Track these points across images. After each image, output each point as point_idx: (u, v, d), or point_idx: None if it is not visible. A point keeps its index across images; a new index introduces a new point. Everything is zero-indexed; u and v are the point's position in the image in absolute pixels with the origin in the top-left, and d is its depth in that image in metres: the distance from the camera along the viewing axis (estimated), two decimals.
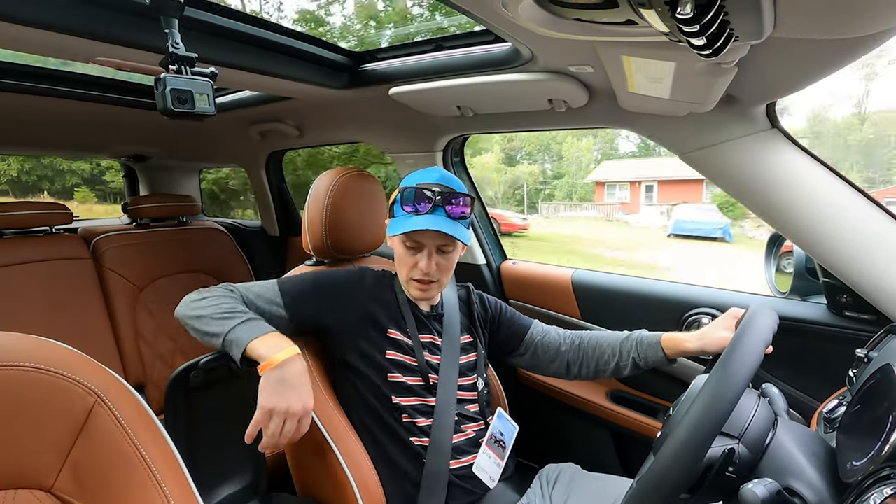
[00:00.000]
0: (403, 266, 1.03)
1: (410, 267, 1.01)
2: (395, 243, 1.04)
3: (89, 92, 1.49)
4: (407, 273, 1.02)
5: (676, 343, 1.01)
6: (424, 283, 1.01)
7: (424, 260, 1.00)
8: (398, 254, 1.04)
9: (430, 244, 1.00)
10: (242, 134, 2.01)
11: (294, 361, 0.84)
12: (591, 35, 0.69)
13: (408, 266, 1.02)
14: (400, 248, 1.03)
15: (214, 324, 0.88)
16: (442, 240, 1.00)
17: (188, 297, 0.94)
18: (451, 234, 0.96)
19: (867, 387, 0.74)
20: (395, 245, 1.04)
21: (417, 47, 1.27)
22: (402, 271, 1.04)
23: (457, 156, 1.69)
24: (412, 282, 1.03)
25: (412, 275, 1.02)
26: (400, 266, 1.04)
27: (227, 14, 1.05)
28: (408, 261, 1.01)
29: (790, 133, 0.98)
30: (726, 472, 0.66)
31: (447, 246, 1.01)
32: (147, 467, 0.62)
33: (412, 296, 1.06)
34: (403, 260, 1.02)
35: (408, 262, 1.01)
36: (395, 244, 1.04)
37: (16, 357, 0.58)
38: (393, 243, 1.05)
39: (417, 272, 1.01)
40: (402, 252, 1.02)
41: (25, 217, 1.72)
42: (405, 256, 1.02)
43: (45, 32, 0.85)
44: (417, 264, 1.00)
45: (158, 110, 0.87)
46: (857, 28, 0.56)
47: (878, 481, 0.53)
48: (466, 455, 1.00)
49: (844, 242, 0.94)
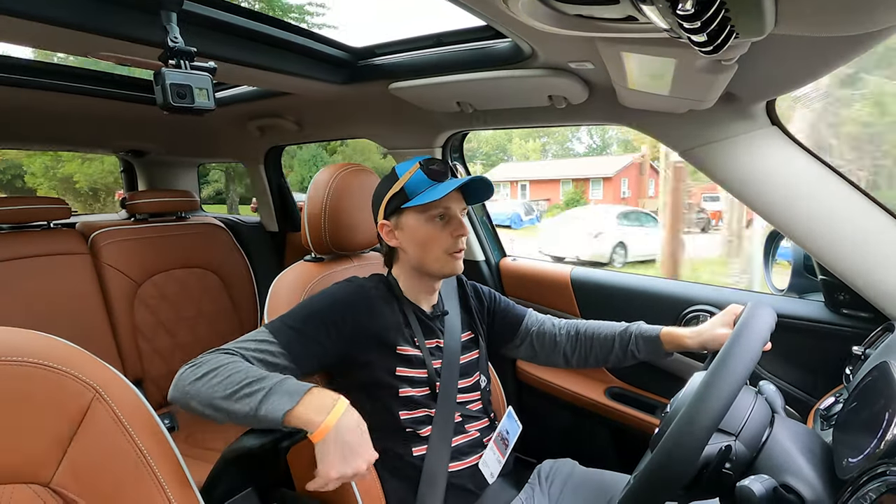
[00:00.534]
0: (435, 242, 0.99)
1: (444, 238, 0.99)
2: (419, 225, 0.99)
3: (88, 86, 1.48)
4: (441, 246, 0.99)
5: (675, 338, 1.02)
6: (458, 252, 1.01)
7: (458, 224, 1.00)
8: (425, 234, 0.99)
9: (456, 209, 1.01)
10: (241, 129, 2.01)
11: (348, 416, 0.72)
12: (592, 31, 0.69)
13: (441, 239, 0.99)
14: (426, 227, 0.99)
15: (236, 405, 0.73)
16: (462, 203, 1.03)
17: (183, 377, 0.79)
18: (485, 178, 1.01)
19: (864, 384, 0.74)
20: (418, 228, 1.00)
21: (417, 43, 1.26)
22: (433, 250, 0.99)
23: (456, 152, 1.69)
24: (449, 256, 1.00)
25: (449, 247, 0.99)
26: (430, 245, 0.99)
27: (227, 8, 1.04)
28: (440, 234, 0.99)
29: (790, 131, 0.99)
30: (723, 470, 0.66)
31: (464, 211, 1.04)
32: (145, 462, 0.62)
33: (449, 270, 1.01)
34: (433, 236, 0.99)
35: (440, 236, 0.99)
36: (417, 226, 1.00)
37: (14, 352, 0.58)
38: (414, 228, 1.00)
39: (453, 242, 0.99)
40: (429, 230, 0.99)
41: (23, 212, 1.71)
42: (436, 231, 0.99)
43: (44, 26, 0.85)
44: (453, 232, 0.99)
45: (157, 105, 0.87)
46: (856, 25, 0.55)
47: (874, 478, 0.53)
48: (469, 456, 1.00)
49: (842, 240, 0.94)
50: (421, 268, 1.02)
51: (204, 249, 2.05)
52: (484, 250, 1.72)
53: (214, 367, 0.78)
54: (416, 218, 0.99)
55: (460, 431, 1.01)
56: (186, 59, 0.88)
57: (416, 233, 1.00)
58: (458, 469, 0.98)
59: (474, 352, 1.10)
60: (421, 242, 1.00)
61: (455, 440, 0.99)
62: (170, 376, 0.88)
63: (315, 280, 1.11)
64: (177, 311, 1.90)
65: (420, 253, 1.01)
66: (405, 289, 1.05)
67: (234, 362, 0.79)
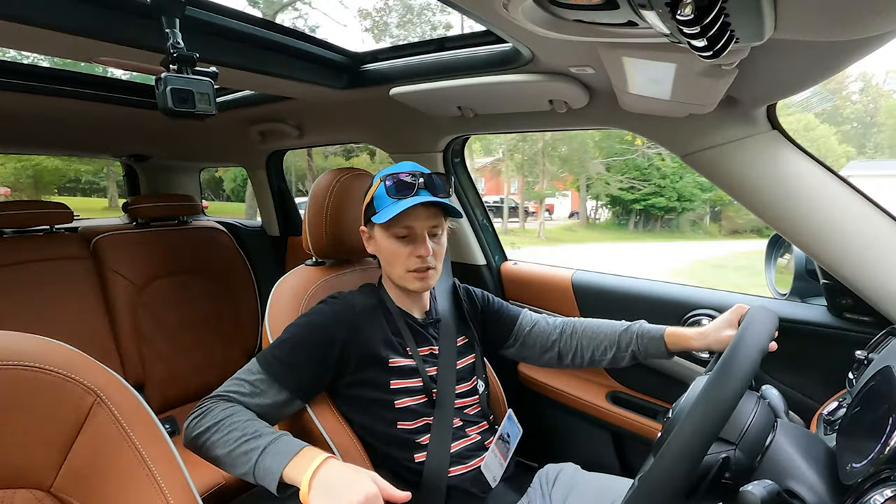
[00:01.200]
0: (397, 260, 0.98)
1: (406, 257, 0.97)
2: (383, 239, 0.99)
3: (90, 91, 1.49)
4: (403, 265, 0.97)
5: (680, 339, 1.01)
6: (422, 270, 0.97)
7: (421, 244, 0.96)
8: (388, 250, 0.98)
9: (422, 227, 0.97)
10: (243, 134, 2.01)
11: (328, 467, 0.73)
12: (592, 36, 0.69)
13: (403, 257, 0.97)
14: (389, 243, 0.98)
15: (238, 461, 0.78)
16: (432, 220, 0.98)
17: (189, 429, 0.84)
18: (444, 202, 0.95)
19: (867, 388, 0.74)
20: (382, 242, 0.99)
21: (418, 48, 1.27)
22: (396, 267, 0.99)
23: (457, 156, 1.69)
24: (410, 274, 0.98)
25: (409, 265, 0.97)
26: (393, 262, 0.99)
27: (228, 14, 1.05)
28: (402, 251, 0.97)
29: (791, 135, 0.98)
30: (722, 480, 0.66)
31: (436, 228, 0.99)
32: (146, 466, 0.62)
33: (413, 288, 1.00)
34: (396, 253, 0.97)
35: (402, 253, 0.97)
36: (382, 241, 0.99)
37: (16, 356, 0.58)
38: (380, 242, 1.00)
39: (415, 261, 0.96)
40: (392, 246, 0.97)
41: (26, 216, 1.72)
42: (398, 248, 0.97)
43: (46, 32, 0.85)
44: (413, 252, 0.96)
45: (159, 110, 0.87)
46: (857, 30, 0.56)
47: (878, 483, 0.53)
48: (470, 460, 0.99)
49: (844, 244, 0.94)
50: (390, 279, 1.03)
51: (205, 253, 2.06)
52: (485, 254, 1.72)
53: (215, 422, 0.82)
54: (381, 232, 0.99)
55: (460, 436, 1.00)
56: (188, 65, 0.89)
57: (382, 247, 1.00)
58: (461, 473, 0.97)
59: (470, 356, 1.09)
60: (385, 256, 1.01)
61: (455, 445, 0.98)
62: (171, 381, 0.88)
63: (316, 284, 1.11)
64: (178, 315, 1.90)
65: (386, 266, 1.02)
66: (394, 296, 1.05)
67: (232, 417, 0.82)
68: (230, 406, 0.85)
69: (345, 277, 1.18)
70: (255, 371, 0.90)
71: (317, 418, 0.95)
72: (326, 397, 0.99)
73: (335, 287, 1.14)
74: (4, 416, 0.56)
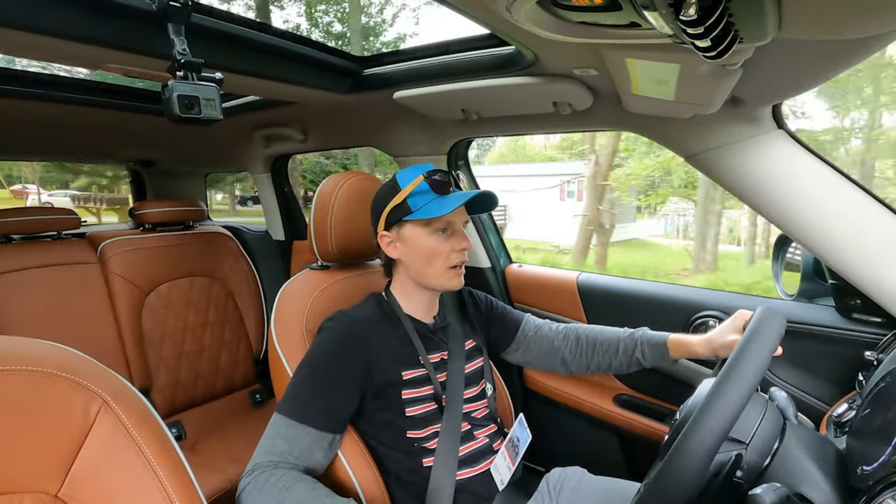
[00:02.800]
0: (438, 257, 0.97)
1: (447, 253, 0.97)
2: (421, 238, 0.97)
3: (97, 98, 1.50)
4: (444, 262, 0.97)
5: (684, 345, 1.01)
6: (460, 266, 0.99)
7: (462, 238, 0.99)
8: (428, 248, 0.97)
9: (459, 222, 1.00)
10: (247, 139, 2.02)
11: None
12: (595, 38, 0.69)
13: (444, 253, 0.97)
14: (428, 241, 0.96)
15: None
16: (464, 216, 1.01)
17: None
18: (492, 194, 0.98)
19: (877, 390, 0.73)
20: (419, 241, 0.97)
21: (422, 51, 1.27)
22: (435, 265, 0.97)
23: (461, 159, 1.69)
24: (451, 270, 0.98)
25: (451, 261, 0.97)
26: (433, 260, 0.97)
27: (233, 20, 1.06)
28: (443, 248, 0.97)
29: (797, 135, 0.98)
30: (734, 478, 0.65)
31: (466, 222, 1.03)
32: (153, 471, 0.62)
33: (451, 286, 0.99)
34: (437, 250, 0.97)
35: (443, 249, 0.97)
36: (419, 240, 0.97)
37: (23, 360, 0.59)
38: (415, 241, 0.98)
39: (456, 256, 0.97)
40: (432, 244, 0.96)
41: (33, 222, 1.73)
42: (439, 244, 0.97)
43: (53, 39, 0.86)
44: (456, 246, 0.97)
45: (165, 116, 0.88)
46: (862, 29, 0.55)
47: (889, 486, 0.52)
48: (479, 463, 0.99)
49: (853, 244, 0.93)
50: (421, 281, 1.01)
51: (211, 258, 2.07)
52: (490, 257, 1.72)
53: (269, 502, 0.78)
54: (418, 231, 0.97)
55: (469, 439, 1.00)
56: (194, 71, 0.89)
57: (418, 246, 0.98)
58: (469, 476, 0.97)
59: (479, 360, 1.09)
60: (423, 256, 0.98)
61: (464, 448, 0.98)
62: (176, 385, 0.88)
63: (321, 288, 1.12)
64: (183, 320, 1.91)
65: (421, 267, 0.99)
66: (404, 303, 1.04)
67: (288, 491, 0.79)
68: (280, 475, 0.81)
69: (349, 281, 1.18)
70: (287, 425, 0.87)
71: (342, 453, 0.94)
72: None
73: (340, 290, 1.14)
74: (11, 419, 0.56)
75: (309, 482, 0.82)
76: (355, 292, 1.13)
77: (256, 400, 2.04)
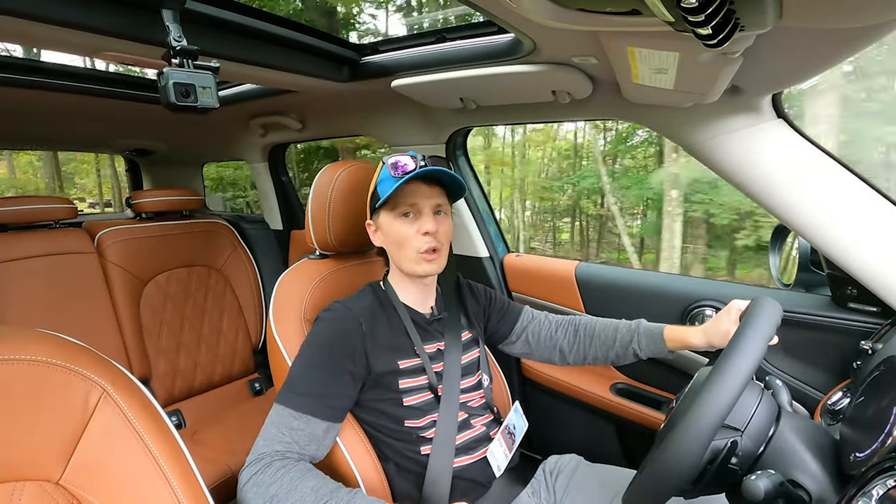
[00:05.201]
0: (405, 243, 0.96)
1: (413, 237, 0.95)
2: (389, 224, 0.97)
3: (93, 86, 1.49)
4: (413, 247, 0.95)
5: (680, 337, 1.01)
6: (431, 251, 0.95)
7: (427, 221, 0.95)
8: (395, 233, 0.97)
9: (427, 206, 0.96)
10: (245, 127, 2.01)
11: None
12: (595, 25, 0.69)
13: (410, 237, 0.95)
14: (396, 226, 0.96)
15: None
16: (436, 199, 0.97)
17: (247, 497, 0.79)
18: (449, 172, 0.94)
19: (871, 379, 0.74)
20: (389, 228, 0.98)
21: (420, 39, 1.26)
22: (404, 251, 0.97)
23: (460, 148, 1.68)
24: (419, 256, 0.96)
25: (417, 245, 0.95)
26: (401, 246, 0.97)
27: (229, 7, 1.04)
28: (408, 231, 0.95)
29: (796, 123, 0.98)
30: (729, 465, 0.66)
31: (440, 207, 0.98)
32: (153, 459, 0.63)
33: (422, 271, 0.97)
34: (403, 234, 0.96)
35: (408, 233, 0.95)
36: (389, 226, 0.98)
37: (23, 350, 0.59)
38: (386, 228, 0.98)
39: (422, 241, 0.95)
40: (399, 228, 0.96)
41: (30, 211, 1.73)
42: (404, 228, 0.95)
43: (48, 27, 0.85)
44: (420, 230, 0.95)
45: (161, 104, 0.87)
46: (862, 17, 0.55)
47: (881, 473, 0.53)
48: (476, 451, 1.00)
49: (850, 234, 0.93)
50: (400, 268, 1.01)
51: (208, 248, 2.06)
52: (488, 247, 1.72)
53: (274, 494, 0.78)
54: (387, 217, 0.97)
55: (466, 428, 1.01)
56: (190, 59, 0.89)
57: (389, 232, 0.98)
58: (467, 464, 0.98)
59: (475, 351, 1.10)
60: (394, 242, 0.98)
61: (461, 437, 0.99)
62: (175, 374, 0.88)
63: (320, 277, 1.12)
64: (181, 309, 1.91)
65: (396, 252, 0.99)
66: (400, 292, 1.04)
67: (297, 482, 0.78)
68: (285, 466, 0.81)
69: (348, 271, 1.18)
70: (290, 415, 0.87)
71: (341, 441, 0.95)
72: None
73: (339, 280, 1.14)
74: (12, 409, 0.57)
75: (315, 473, 0.82)
76: (354, 281, 1.13)
77: (255, 389, 2.05)
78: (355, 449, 0.95)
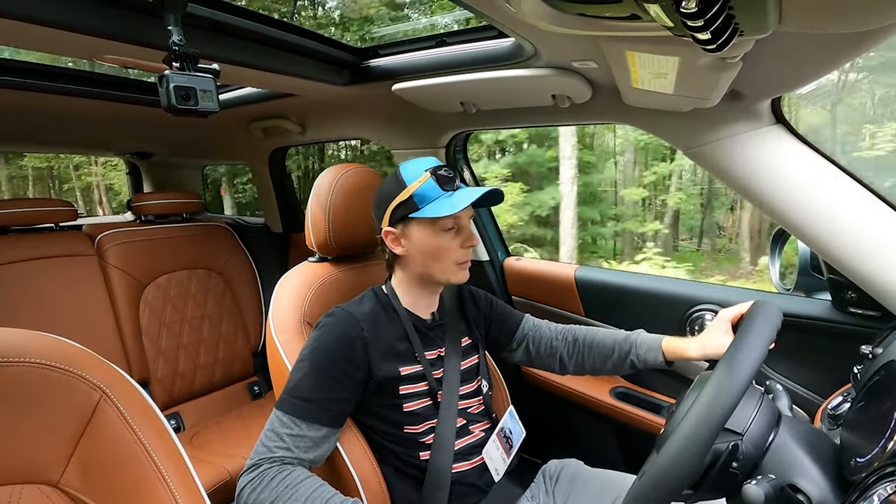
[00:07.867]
0: (445, 255, 0.96)
1: (454, 250, 0.97)
2: (428, 236, 0.96)
3: (94, 89, 1.49)
4: (452, 258, 0.97)
5: (677, 349, 1.00)
6: (468, 261, 1.00)
7: (469, 234, 0.99)
8: (435, 245, 0.96)
9: (466, 217, 1.00)
10: (245, 131, 2.01)
11: None
12: (595, 30, 0.69)
13: (453, 250, 0.97)
14: (437, 239, 0.96)
15: None
16: (471, 212, 1.01)
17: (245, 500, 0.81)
18: (498, 190, 0.99)
19: (872, 383, 0.73)
20: (426, 239, 0.96)
21: (420, 43, 1.26)
22: (443, 261, 0.97)
23: (460, 152, 1.69)
24: (458, 266, 0.98)
25: (459, 257, 0.98)
26: (441, 256, 0.97)
27: (230, 10, 1.05)
28: (450, 245, 0.96)
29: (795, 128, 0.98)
30: (729, 469, 0.66)
31: (471, 217, 1.03)
32: (153, 463, 0.62)
33: (457, 280, 1.00)
34: (445, 247, 0.96)
35: (452, 246, 0.97)
36: (426, 237, 0.96)
37: (21, 353, 0.59)
38: (422, 238, 0.96)
39: (462, 253, 0.98)
40: (440, 241, 0.96)
41: (30, 214, 1.73)
42: (447, 241, 0.96)
43: (49, 30, 0.85)
44: (464, 243, 0.98)
45: (162, 107, 0.87)
46: (862, 22, 0.55)
47: (882, 478, 0.52)
48: (474, 456, 1.00)
49: (850, 238, 0.93)
50: (427, 277, 1.00)
51: (208, 251, 2.07)
52: (488, 250, 1.72)
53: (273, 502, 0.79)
54: (426, 228, 0.96)
55: (465, 434, 1.01)
56: (190, 62, 0.89)
57: (426, 243, 0.97)
58: (466, 469, 0.98)
59: (474, 356, 1.09)
60: (430, 253, 0.97)
61: (459, 442, 0.99)
62: (175, 377, 0.88)
63: (319, 281, 1.12)
64: (181, 312, 1.91)
65: (428, 262, 0.98)
66: (404, 298, 1.03)
67: (294, 490, 0.79)
68: (287, 470, 0.82)
69: (348, 274, 1.18)
70: (289, 422, 0.86)
71: (340, 444, 0.95)
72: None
73: (339, 283, 1.14)
74: (11, 412, 0.56)
75: (314, 480, 0.82)
76: (354, 285, 1.13)
77: (255, 392, 2.04)
78: (354, 452, 0.95)
